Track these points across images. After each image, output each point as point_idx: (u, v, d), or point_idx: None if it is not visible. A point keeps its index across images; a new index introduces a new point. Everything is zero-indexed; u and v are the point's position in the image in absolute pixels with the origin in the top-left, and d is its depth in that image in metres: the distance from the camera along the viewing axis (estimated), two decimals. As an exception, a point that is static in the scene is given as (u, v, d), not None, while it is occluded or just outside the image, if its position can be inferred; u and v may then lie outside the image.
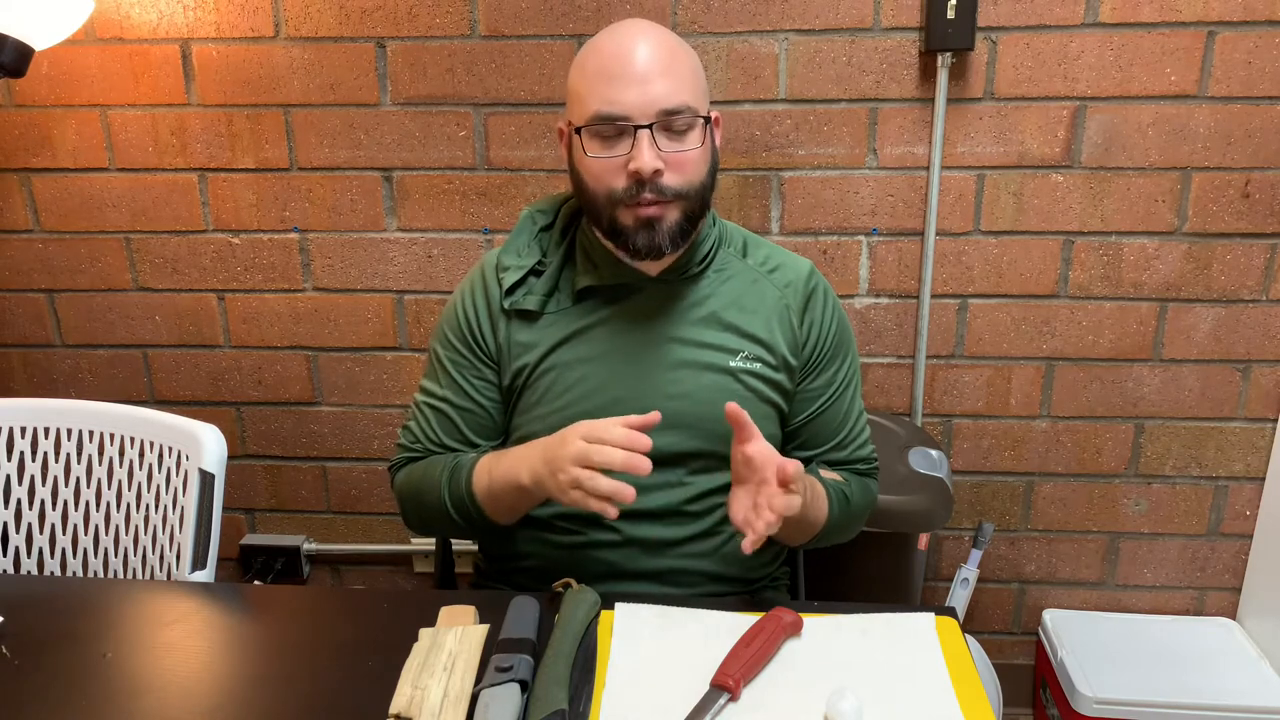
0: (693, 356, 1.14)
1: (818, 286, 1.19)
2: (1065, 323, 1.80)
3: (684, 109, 1.04)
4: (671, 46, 1.06)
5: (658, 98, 1.02)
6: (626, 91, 1.02)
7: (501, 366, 1.17)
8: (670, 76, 1.03)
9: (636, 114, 1.02)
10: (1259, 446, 1.84)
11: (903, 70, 1.69)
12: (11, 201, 1.87)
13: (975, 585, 1.87)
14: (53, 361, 1.97)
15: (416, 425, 1.21)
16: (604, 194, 1.06)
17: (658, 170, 1.03)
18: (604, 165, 1.05)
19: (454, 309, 1.20)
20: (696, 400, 1.13)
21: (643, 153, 1.02)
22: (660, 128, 1.03)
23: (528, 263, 1.15)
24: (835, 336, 1.19)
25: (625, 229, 1.07)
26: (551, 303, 1.15)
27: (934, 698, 0.89)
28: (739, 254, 1.19)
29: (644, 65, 1.03)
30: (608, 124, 1.03)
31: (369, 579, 2.09)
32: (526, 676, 0.88)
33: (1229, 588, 1.94)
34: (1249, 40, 1.64)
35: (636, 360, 1.13)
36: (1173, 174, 1.71)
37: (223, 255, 1.88)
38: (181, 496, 1.31)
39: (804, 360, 1.18)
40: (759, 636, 0.93)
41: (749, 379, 1.14)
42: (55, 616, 1.02)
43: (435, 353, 1.21)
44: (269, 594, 1.25)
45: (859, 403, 1.24)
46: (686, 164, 1.05)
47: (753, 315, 1.16)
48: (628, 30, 1.06)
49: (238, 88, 1.78)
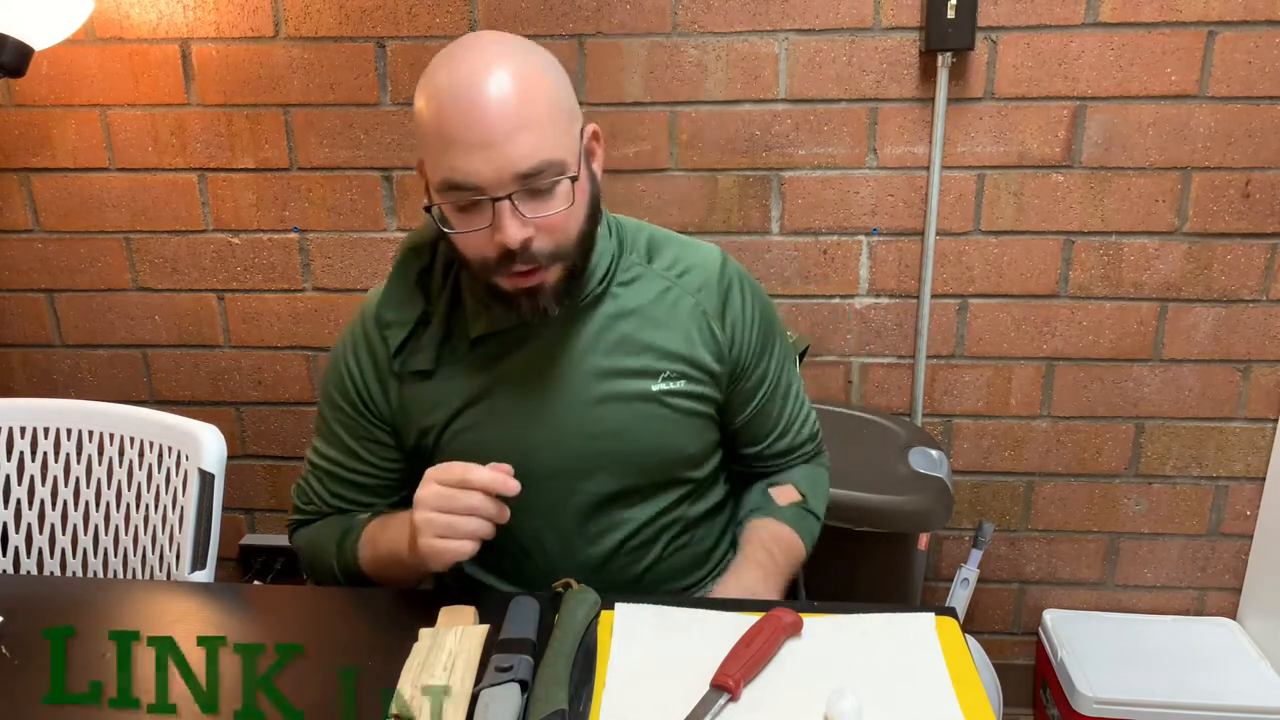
0: (612, 388, 1.05)
1: (731, 282, 1.10)
2: (1065, 323, 1.80)
3: (544, 168, 0.90)
4: (524, 85, 0.90)
5: (511, 161, 0.89)
6: (473, 159, 0.89)
7: (399, 428, 1.09)
8: (525, 131, 0.89)
9: (490, 185, 0.89)
10: (1259, 446, 1.84)
11: (903, 70, 1.69)
12: (11, 201, 1.87)
13: (975, 585, 1.87)
14: (52, 361, 1.97)
15: (309, 485, 1.15)
16: (476, 263, 0.96)
17: (526, 239, 0.92)
18: (469, 239, 0.94)
19: (337, 368, 1.10)
20: (623, 437, 1.06)
21: (505, 226, 0.90)
22: (521, 195, 0.91)
23: (411, 316, 1.05)
24: (760, 331, 1.11)
25: (506, 296, 0.97)
26: (446, 352, 1.05)
27: (934, 698, 0.89)
28: (643, 259, 1.08)
29: (491, 124, 0.88)
30: (461, 196, 0.91)
31: (369, 579, 2.09)
32: (526, 676, 0.88)
33: (1229, 588, 1.94)
34: (1249, 40, 1.64)
35: (551, 405, 1.05)
36: (1173, 174, 1.71)
37: (223, 255, 1.88)
38: (181, 496, 1.31)
39: (731, 364, 1.10)
40: (759, 636, 0.93)
41: (675, 400, 1.07)
42: (55, 616, 1.02)
43: (322, 411, 1.13)
44: (269, 594, 1.25)
45: (795, 384, 1.19)
46: (556, 227, 0.94)
47: (669, 329, 1.06)
48: (470, 71, 0.89)
49: (237, 87, 1.78)
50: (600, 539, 1.11)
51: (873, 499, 1.55)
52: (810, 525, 1.17)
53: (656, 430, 1.07)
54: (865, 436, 1.72)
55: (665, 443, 1.09)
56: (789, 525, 1.15)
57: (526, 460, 1.02)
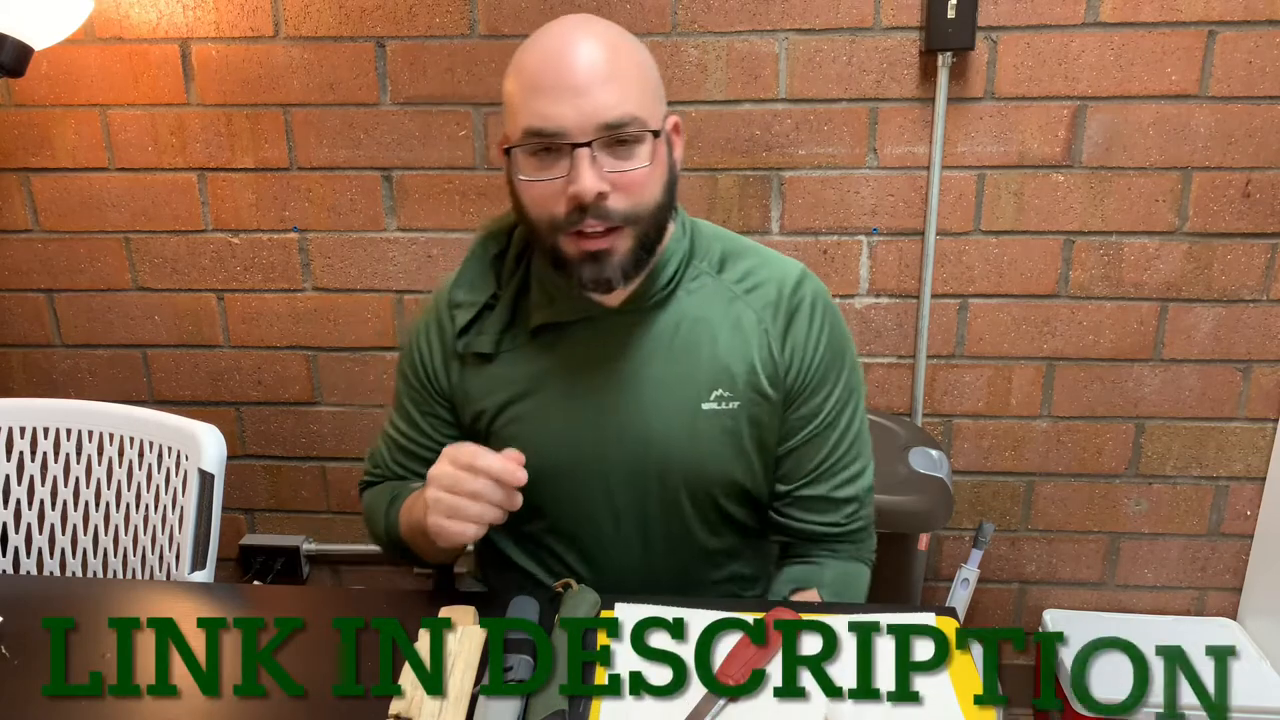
0: (660, 398, 1.02)
1: (802, 303, 1.04)
2: (1065, 323, 1.80)
3: (629, 121, 0.90)
4: (615, 46, 0.92)
5: (598, 110, 0.89)
6: (560, 104, 0.89)
7: (457, 407, 1.11)
8: (613, 84, 0.90)
9: (573, 130, 0.89)
10: (1259, 446, 1.84)
11: (903, 70, 1.69)
12: (11, 201, 1.87)
13: (975, 585, 1.87)
14: (52, 361, 1.97)
15: (379, 450, 1.19)
16: (545, 220, 0.94)
17: (601, 193, 0.90)
18: (540, 189, 0.92)
19: (411, 346, 1.12)
20: (665, 448, 1.03)
21: (582, 174, 0.89)
22: (602, 144, 0.90)
23: (480, 298, 1.06)
24: (823, 359, 1.05)
25: (569, 260, 0.95)
26: (506, 339, 1.06)
27: (934, 698, 0.89)
28: (714, 269, 1.05)
29: (582, 72, 0.89)
30: (541, 141, 0.91)
31: (369, 579, 2.09)
32: (526, 676, 0.88)
33: (1229, 588, 1.94)
34: (1249, 40, 1.63)
35: (599, 406, 1.03)
36: (1173, 174, 1.71)
37: (222, 255, 1.88)
38: (181, 496, 1.31)
39: (786, 390, 1.04)
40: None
41: (724, 419, 1.03)
42: (55, 616, 1.02)
43: (396, 384, 1.16)
44: (269, 594, 1.25)
45: (854, 431, 1.09)
46: (634, 185, 0.92)
47: (727, 345, 1.03)
48: (563, 30, 0.92)
49: (237, 87, 1.78)
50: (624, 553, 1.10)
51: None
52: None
53: (699, 451, 1.04)
54: (865, 436, 1.72)
55: (709, 465, 1.05)
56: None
57: (571, 458, 1.04)
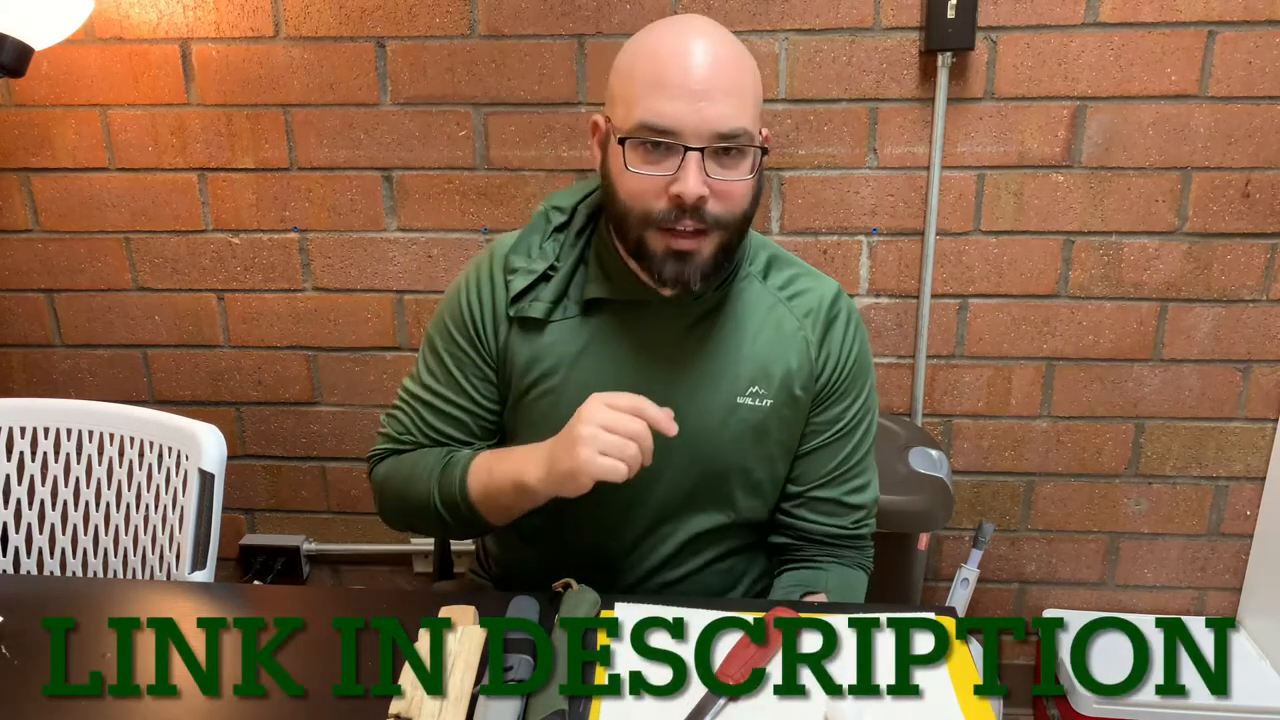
0: (699, 388, 1.06)
1: (839, 315, 1.10)
2: (1065, 323, 1.80)
3: (741, 133, 0.94)
4: (738, 60, 0.95)
5: (716, 119, 0.92)
6: (681, 105, 0.92)
7: (500, 370, 1.10)
8: (733, 96, 0.93)
9: (689, 134, 0.92)
10: (1259, 446, 1.84)
11: (903, 70, 1.69)
12: (11, 201, 1.87)
13: (975, 585, 1.87)
14: (52, 361, 1.97)
15: (407, 417, 1.13)
16: (638, 212, 0.96)
17: (702, 197, 0.93)
18: (644, 183, 0.95)
19: (458, 300, 1.10)
20: (697, 437, 1.06)
21: (689, 177, 0.92)
22: (712, 151, 0.93)
23: (539, 267, 1.06)
24: (851, 371, 1.10)
25: (654, 255, 0.97)
26: (558, 310, 1.07)
27: (934, 698, 0.89)
28: (760, 274, 1.10)
29: (705, 78, 0.92)
30: (656, 137, 0.93)
31: (369, 579, 2.09)
32: (526, 676, 0.88)
33: (1229, 588, 1.94)
34: (1249, 40, 1.63)
35: (637, 387, 1.03)
36: (1173, 174, 1.71)
37: (223, 255, 1.88)
38: (181, 496, 1.31)
39: (815, 392, 1.09)
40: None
41: (756, 416, 1.07)
42: (55, 616, 1.02)
43: (432, 343, 1.12)
44: (269, 594, 1.25)
45: (867, 444, 1.15)
46: (734, 194, 0.96)
47: (767, 346, 1.07)
48: (690, 32, 0.95)
49: (237, 87, 1.78)
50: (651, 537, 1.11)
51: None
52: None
53: (728, 441, 1.07)
54: (865, 436, 1.72)
55: (736, 455, 1.08)
56: None
57: None
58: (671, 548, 1.12)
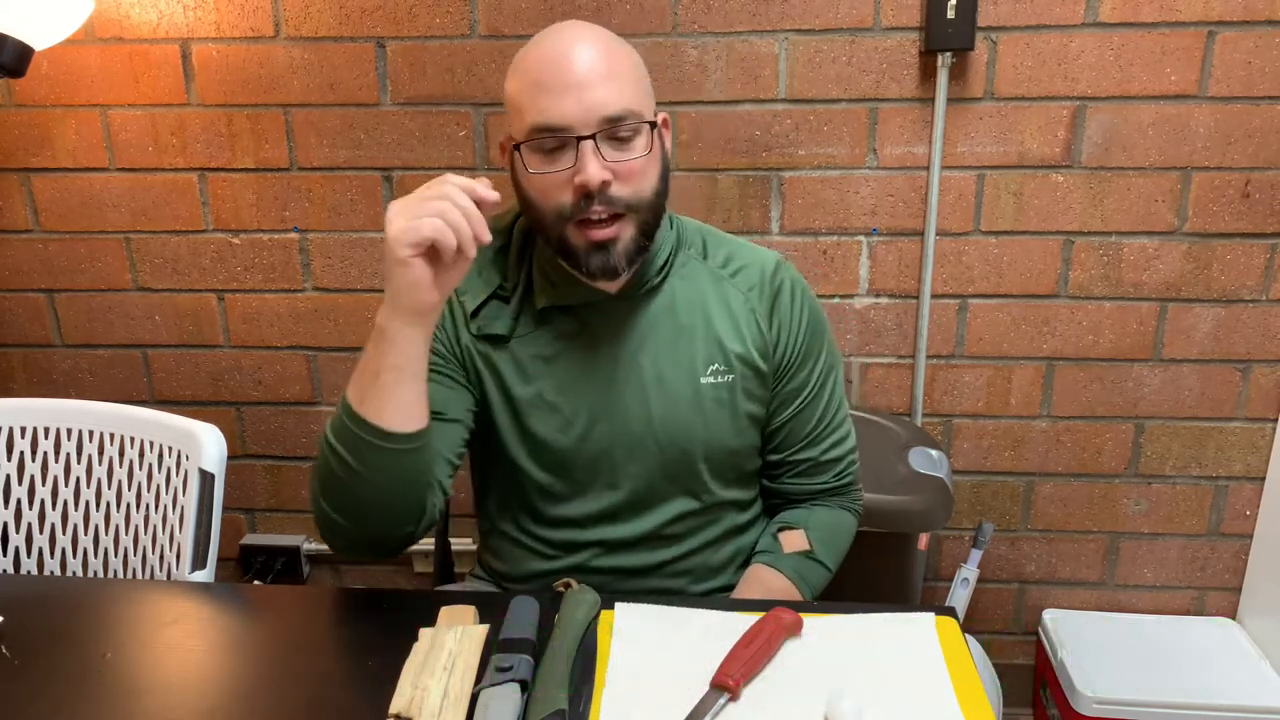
0: (661, 375, 1.10)
1: (783, 284, 1.14)
2: (1065, 323, 1.80)
3: (627, 114, 0.98)
4: (611, 48, 1.00)
5: (598, 104, 0.96)
6: (564, 100, 0.96)
7: (472, 383, 1.12)
8: (612, 80, 0.97)
9: (577, 124, 0.96)
10: (1259, 446, 1.84)
11: (903, 70, 1.69)
12: (11, 201, 1.87)
13: (975, 585, 1.87)
14: (53, 361, 1.97)
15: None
16: (551, 211, 1.00)
17: (605, 181, 0.97)
18: (548, 181, 0.99)
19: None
20: (668, 422, 1.10)
21: (587, 164, 0.96)
22: (604, 137, 0.97)
23: (483, 291, 1.10)
24: (806, 335, 1.14)
25: (577, 250, 1.01)
26: (520, 326, 1.10)
27: (934, 698, 0.89)
28: (699, 255, 1.14)
29: (582, 71, 0.97)
30: (548, 136, 0.98)
31: (369, 579, 2.09)
32: (526, 676, 0.88)
33: (1229, 588, 1.94)
34: (1249, 40, 1.64)
35: (606, 385, 1.10)
36: (1173, 174, 1.71)
37: (223, 255, 1.88)
38: (181, 496, 1.31)
39: (775, 364, 1.14)
40: (759, 636, 0.93)
41: (721, 393, 1.11)
42: (55, 616, 1.02)
43: None
44: (269, 594, 1.25)
45: (837, 398, 1.19)
46: (634, 173, 1.00)
47: (718, 323, 1.11)
48: (562, 34, 1.00)
49: (238, 88, 1.78)
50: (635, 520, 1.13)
51: (873, 499, 1.55)
52: (815, 575, 1.16)
53: (701, 421, 1.11)
54: (865, 436, 1.71)
55: (709, 434, 1.11)
56: (786, 576, 1.14)
57: (577, 441, 1.10)
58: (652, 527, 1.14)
